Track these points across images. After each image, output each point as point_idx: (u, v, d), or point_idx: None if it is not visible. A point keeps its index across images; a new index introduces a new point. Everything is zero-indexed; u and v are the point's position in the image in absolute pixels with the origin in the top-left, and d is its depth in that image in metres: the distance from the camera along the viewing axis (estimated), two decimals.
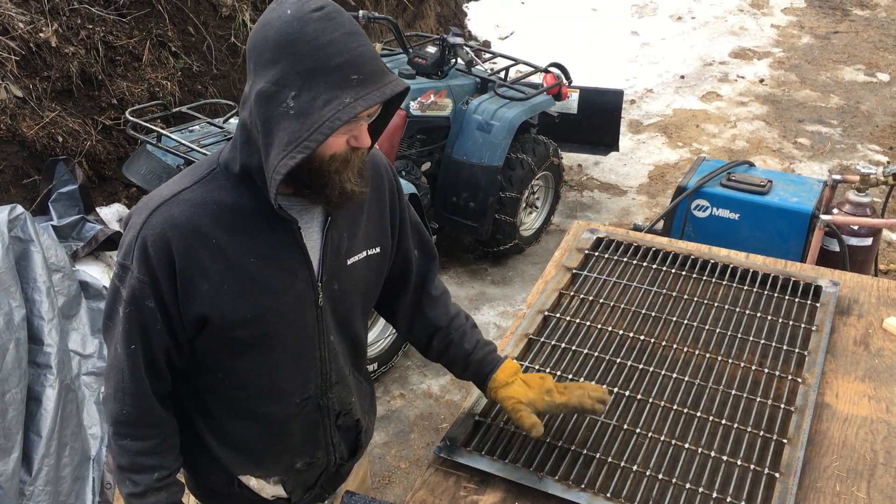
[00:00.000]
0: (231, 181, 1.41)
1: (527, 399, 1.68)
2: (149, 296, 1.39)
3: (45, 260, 3.06)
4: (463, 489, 1.68)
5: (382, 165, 1.64)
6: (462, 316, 1.81)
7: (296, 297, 1.48)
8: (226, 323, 1.43)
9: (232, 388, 1.53)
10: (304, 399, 1.57)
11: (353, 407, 1.68)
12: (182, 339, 1.46)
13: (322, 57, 1.26)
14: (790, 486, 1.62)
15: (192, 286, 1.40)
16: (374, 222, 1.60)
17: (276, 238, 1.44)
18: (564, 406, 1.68)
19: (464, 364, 1.77)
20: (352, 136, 1.35)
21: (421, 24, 6.79)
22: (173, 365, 1.50)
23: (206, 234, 1.38)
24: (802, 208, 3.37)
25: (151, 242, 1.36)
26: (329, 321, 1.55)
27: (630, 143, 6.07)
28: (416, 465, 3.35)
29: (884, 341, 2.06)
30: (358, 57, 1.28)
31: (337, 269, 1.53)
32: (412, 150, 4.30)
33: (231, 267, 1.41)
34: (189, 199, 1.39)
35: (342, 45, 1.27)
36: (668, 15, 8.42)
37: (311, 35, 1.26)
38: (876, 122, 6.30)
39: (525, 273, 4.66)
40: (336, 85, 1.27)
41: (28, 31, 3.87)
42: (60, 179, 3.74)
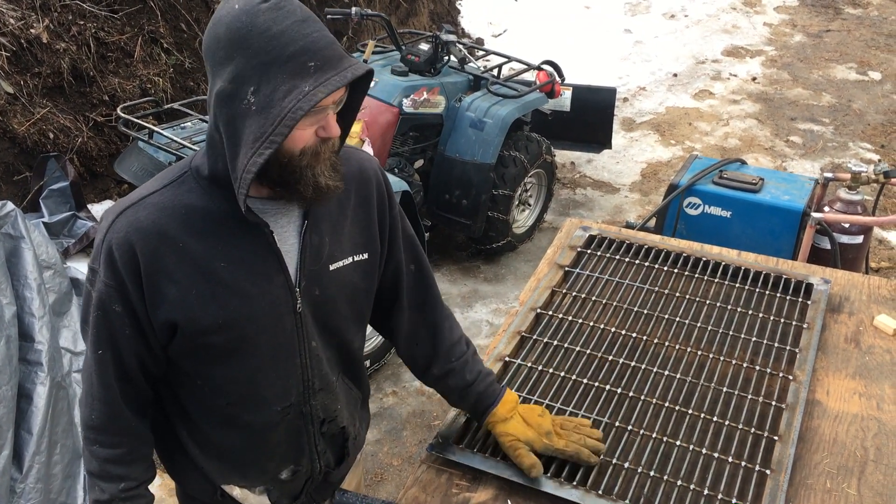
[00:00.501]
0: (202, 185, 1.38)
1: (525, 438, 1.65)
2: (115, 300, 1.37)
3: (36, 257, 3.05)
4: (455, 486, 1.68)
5: (371, 171, 1.59)
6: (464, 342, 1.76)
7: (271, 302, 1.44)
8: (196, 328, 1.39)
9: (211, 395, 1.50)
10: (286, 406, 1.54)
11: (338, 414, 1.65)
12: (154, 344, 1.43)
13: (276, 47, 1.23)
14: (781, 482, 1.62)
15: (158, 291, 1.36)
16: (360, 227, 1.56)
17: (249, 242, 1.40)
18: (561, 453, 1.65)
19: (462, 394, 1.72)
20: (319, 126, 1.32)
21: (414, 22, 6.78)
22: (149, 371, 1.47)
23: (173, 237, 1.35)
24: (794, 206, 3.38)
25: (116, 246, 1.34)
26: (311, 327, 1.51)
27: (623, 141, 6.08)
28: (408, 463, 3.35)
29: (874, 339, 2.07)
30: (313, 43, 1.25)
31: (317, 275, 1.49)
32: (405, 148, 4.29)
33: (200, 271, 1.37)
34: (156, 203, 1.36)
35: (295, 33, 1.25)
36: (661, 13, 8.44)
37: (263, 27, 1.24)
38: (867, 121, 6.33)
39: (518, 270, 4.66)
40: (294, 74, 1.24)
41: (19, 26, 3.85)
42: (52, 176, 3.73)
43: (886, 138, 6.06)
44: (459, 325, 1.79)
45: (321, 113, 1.30)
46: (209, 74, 1.30)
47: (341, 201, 1.51)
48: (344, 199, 1.51)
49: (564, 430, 1.69)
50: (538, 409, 1.72)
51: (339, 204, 1.51)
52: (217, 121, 1.29)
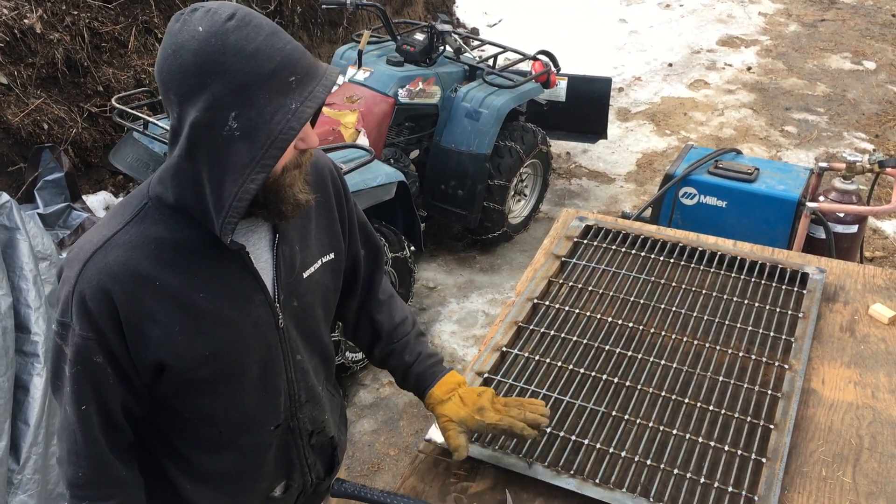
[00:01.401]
0: (165, 214, 1.31)
1: (457, 418, 1.63)
2: (96, 352, 1.30)
3: (31, 248, 3.04)
4: (453, 476, 1.69)
5: (326, 168, 1.55)
6: (408, 323, 1.74)
7: (253, 323, 1.40)
8: (185, 365, 1.35)
9: (202, 426, 1.45)
10: (278, 425, 1.52)
11: (326, 425, 1.63)
12: (139, 387, 1.37)
13: (254, 67, 1.17)
14: (777, 471, 1.63)
15: (141, 334, 1.30)
16: (323, 228, 1.54)
17: (224, 267, 1.35)
18: (493, 427, 1.62)
19: (403, 375, 1.72)
20: (299, 139, 1.27)
21: (409, 11, 6.76)
22: (132, 414, 1.41)
23: (148, 276, 1.29)
24: (789, 196, 3.38)
25: (90, 296, 1.27)
26: (295, 340, 1.49)
27: (618, 131, 6.08)
28: (405, 453, 3.36)
29: (869, 328, 2.08)
30: (289, 56, 1.20)
31: (294, 286, 1.46)
32: (400, 138, 4.29)
33: (181, 306, 1.32)
34: (124, 243, 1.29)
35: (270, 49, 1.18)
36: (656, 3, 8.42)
37: (235, 47, 1.16)
38: (862, 110, 6.34)
39: (513, 261, 4.67)
40: (277, 92, 1.18)
41: (12, 17, 3.83)
42: (46, 167, 3.72)
43: (881, 128, 6.07)
44: (405, 306, 1.78)
45: None
46: (173, 105, 1.21)
47: None
48: None
49: (505, 407, 1.66)
50: (480, 389, 1.70)
51: None
52: (192, 152, 1.22)
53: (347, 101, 4.05)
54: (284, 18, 5.33)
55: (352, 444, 3.41)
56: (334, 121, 3.80)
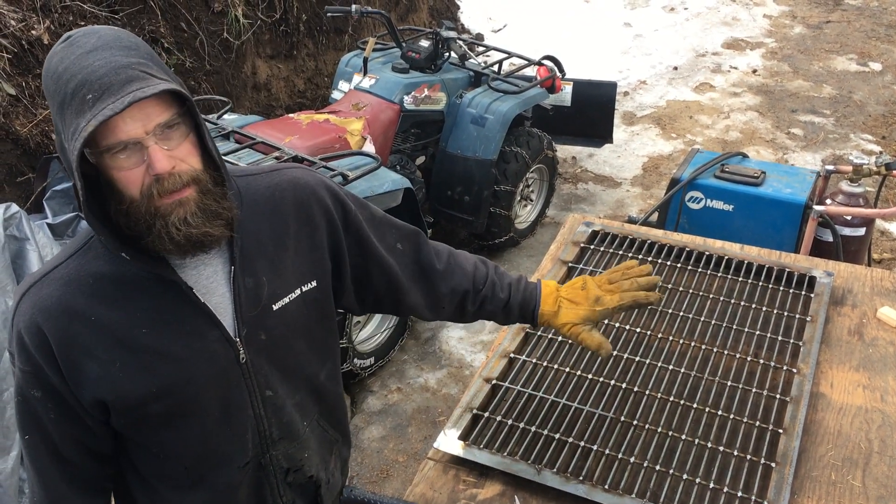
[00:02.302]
0: (110, 248, 1.27)
1: (580, 319, 1.62)
2: (34, 385, 1.28)
3: (41, 258, 3.06)
4: (462, 483, 1.69)
5: (307, 190, 1.45)
6: (481, 267, 1.68)
7: (209, 360, 1.33)
8: (129, 402, 1.29)
9: (168, 461, 1.40)
10: (247, 463, 1.45)
11: (305, 463, 1.54)
12: (92, 423, 1.33)
13: (61, 87, 1.14)
14: (786, 475, 1.63)
15: (78, 370, 1.26)
16: (304, 256, 1.45)
17: (171, 302, 1.29)
18: (618, 309, 1.62)
19: (505, 312, 1.68)
20: (146, 164, 1.17)
21: (414, 18, 6.78)
22: (94, 449, 1.37)
23: (82, 312, 1.25)
24: (796, 199, 3.38)
25: (25, 330, 1.25)
26: (266, 375, 1.41)
27: (624, 135, 6.08)
28: (414, 459, 3.36)
29: (878, 331, 2.08)
30: (91, 73, 1.13)
31: (261, 318, 1.38)
32: (406, 145, 4.30)
33: (120, 342, 1.27)
34: (60, 277, 1.26)
35: (76, 67, 1.14)
36: (661, 6, 8.42)
37: (53, 69, 1.16)
38: (868, 112, 6.32)
39: (520, 266, 4.67)
40: (78, 111, 1.12)
41: (20, 28, 3.86)
42: (55, 177, 3.73)
43: (887, 129, 6.06)
44: (466, 255, 1.71)
45: (132, 149, 1.16)
46: None
47: (277, 234, 1.41)
48: (280, 231, 1.41)
49: (613, 284, 1.64)
50: (578, 282, 1.67)
51: (274, 237, 1.41)
52: None
53: (353, 108, 4.06)
54: (290, 26, 5.35)
55: (361, 451, 3.42)
56: (340, 128, 3.81)
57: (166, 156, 1.18)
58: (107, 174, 1.20)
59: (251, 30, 5.04)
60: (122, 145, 1.16)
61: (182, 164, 1.21)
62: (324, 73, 5.70)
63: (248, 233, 1.38)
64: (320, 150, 3.56)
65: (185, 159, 1.21)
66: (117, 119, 1.14)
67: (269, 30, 5.24)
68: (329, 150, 3.60)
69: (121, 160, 1.17)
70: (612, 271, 1.68)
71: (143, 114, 1.16)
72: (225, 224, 1.27)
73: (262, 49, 5.25)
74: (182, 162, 1.21)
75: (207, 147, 1.26)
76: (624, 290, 1.63)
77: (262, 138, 3.44)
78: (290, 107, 5.42)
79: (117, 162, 1.17)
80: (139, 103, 1.14)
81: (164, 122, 1.18)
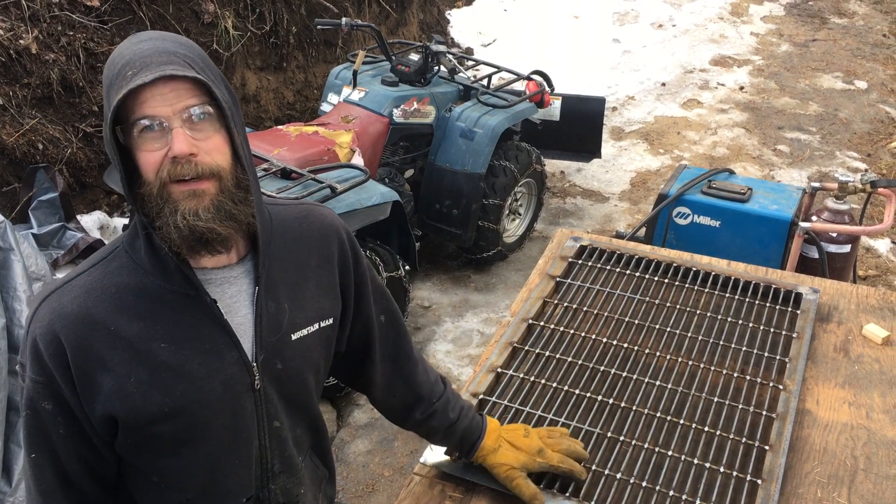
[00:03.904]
0: (136, 259, 1.26)
1: (519, 464, 1.62)
2: (45, 397, 1.23)
3: (25, 268, 3.04)
4: (448, 498, 1.68)
5: (332, 229, 1.46)
6: (440, 382, 1.69)
7: (224, 382, 1.29)
8: (140, 420, 1.25)
9: (168, 491, 1.35)
10: (249, 497, 1.41)
11: (300, 499, 1.50)
12: (98, 442, 1.28)
13: (111, 71, 1.18)
14: (772, 492, 1.63)
15: (92, 382, 1.23)
16: (324, 290, 1.44)
17: (192, 318, 1.27)
18: (555, 469, 1.64)
19: (447, 433, 1.65)
20: (167, 147, 1.17)
21: (404, 31, 6.80)
22: (97, 473, 1.32)
23: (102, 321, 1.22)
24: (782, 216, 3.40)
25: (41, 338, 1.21)
26: (275, 405, 1.38)
27: (612, 150, 6.10)
28: (399, 474, 3.35)
29: (863, 348, 2.08)
30: (136, 54, 1.16)
31: (279, 346, 1.35)
32: (395, 158, 4.30)
33: (137, 356, 1.23)
34: (82, 285, 1.24)
35: (128, 52, 1.18)
36: (650, 22, 8.48)
37: (111, 58, 1.20)
38: (854, 130, 6.38)
39: (508, 280, 4.67)
40: (118, 89, 1.15)
41: (8, 37, 3.84)
42: (41, 187, 3.71)
43: (873, 147, 6.11)
44: (431, 367, 1.71)
45: (158, 130, 1.17)
46: None
47: (300, 263, 1.40)
48: (304, 261, 1.41)
49: (552, 440, 1.67)
50: (520, 429, 1.69)
51: (297, 266, 1.40)
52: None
53: (342, 120, 4.06)
54: (280, 38, 5.36)
55: (346, 465, 3.40)
56: (329, 140, 3.81)
57: (188, 140, 1.17)
58: (134, 156, 1.20)
59: (241, 41, 5.04)
60: (148, 121, 1.16)
61: (206, 157, 1.20)
62: (313, 85, 5.70)
63: (275, 258, 1.37)
64: (309, 163, 3.56)
65: (210, 153, 1.21)
66: (147, 94, 1.15)
67: (259, 41, 5.25)
68: (317, 163, 3.59)
69: (147, 140, 1.17)
70: (549, 430, 1.71)
71: (174, 95, 1.17)
72: (237, 227, 1.25)
73: (252, 61, 5.25)
74: (207, 154, 1.20)
75: (237, 150, 1.26)
76: (562, 448, 1.66)
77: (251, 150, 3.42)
78: (280, 118, 5.42)
79: (144, 142, 1.17)
80: (171, 84, 1.16)
81: (193, 109, 1.18)
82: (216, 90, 1.20)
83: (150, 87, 1.15)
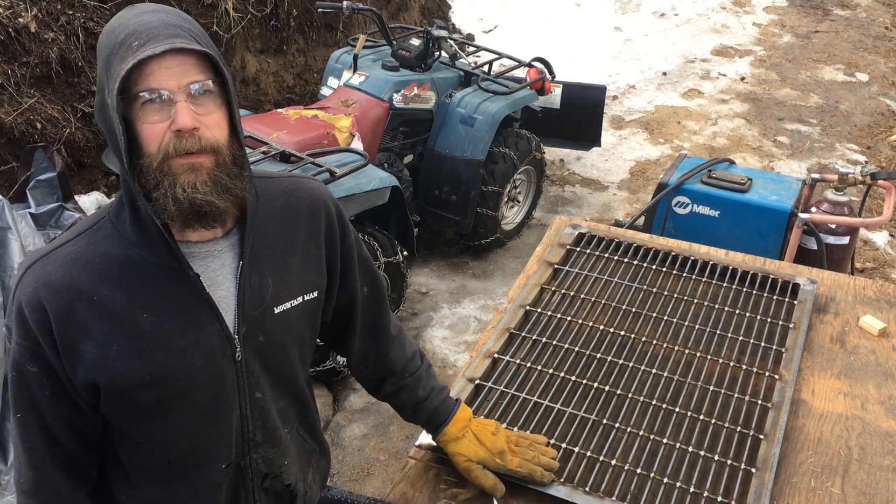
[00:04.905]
0: (120, 230, 1.27)
1: (477, 458, 1.63)
2: (29, 360, 1.27)
3: (22, 248, 3.03)
4: (443, 482, 1.69)
5: (321, 202, 1.47)
6: (417, 358, 1.70)
7: (206, 353, 1.32)
8: (120, 387, 1.27)
9: (151, 454, 1.38)
10: (229, 464, 1.43)
11: (283, 471, 1.52)
12: (82, 404, 1.31)
13: (112, 39, 1.18)
14: (766, 481, 1.64)
15: (74, 349, 1.25)
16: (310, 265, 1.45)
17: (175, 290, 1.29)
18: (514, 473, 1.63)
19: (414, 410, 1.68)
20: (171, 119, 1.19)
21: (405, 16, 6.76)
22: (81, 432, 1.35)
23: (86, 291, 1.24)
24: (781, 206, 3.40)
25: (26, 304, 1.24)
26: (257, 376, 1.40)
27: (612, 139, 6.09)
28: (395, 458, 3.35)
29: (859, 339, 2.09)
30: (141, 25, 1.17)
31: (260, 319, 1.37)
32: (395, 143, 4.29)
33: (120, 325, 1.26)
34: (67, 254, 1.26)
35: (130, 22, 1.18)
36: (652, 11, 8.45)
37: (110, 26, 1.20)
38: (854, 122, 6.37)
39: (506, 267, 4.67)
40: (122, 58, 1.15)
41: (7, 15, 3.82)
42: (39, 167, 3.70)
43: (873, 140, 6.11)
44: (412, 340, 1.73)
45: (159, 102, 1.18)
46: None
47: (287, 237, 1.42)
48: (291, 235, 1.42)
49: (519, 448, 1.67)
50: (491, 425, 1.69)
51: (284, 240, 1.41)
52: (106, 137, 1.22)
53: (342, 105, 4.05)
54: (280, 21, 5.33)
55: (342, 449, 3.40)
56: (329, 125, 3.80)
57: (192, 114, 1.19)
58: (134, 128, 1.21)
59: (241, 24, 5.01)
60: (153, 94, 1.17)
61: (206, 132, 1.22)
62: (313, 69, 5.68)
63: (260, 232, 1.38)
64: (308, 146, 3.55)
65: (210, 128, 1.22)
66: (153, 66, 1.16)
67: (259, 24, 5.22)
68: (317, 147, 3.58)
69: (149, 112, 1.18)
70: (520, 435, 1.70)
71: (181, 69, 1.18)
72: (233, 201, 1.27)
73: (252, 43, 5.22)
74: (207, 129, 1.22)
75: (235, 125, 1.28)
76: (527, 457, 1.65)
77: (250, 133, 3.42)
78: (279, 102, 5.40)
79: (146, 114, 1.18)
80: (178, 58, 1.17)
81: (199, 84, 1.20)
82: (223, 66, 1.22)
83: (158, 59, 1.16)
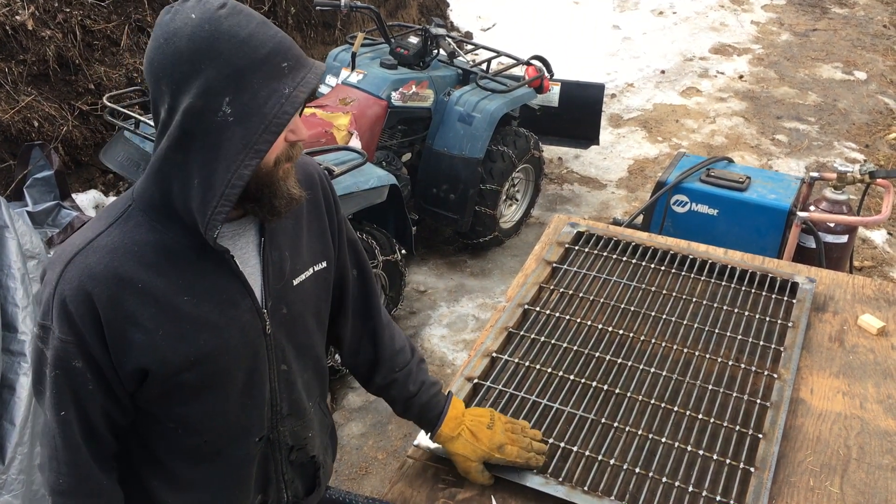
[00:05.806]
0: (150, 216, 1.29)
1: (476, 457, 1.64)
2: (75, 356, 1.27)
3: (19, 246, 3.02)
4: (441, 482, 1.68)
5: (316, 174, 1.52)
6: (408, 350, 1.71)
7: (241, 329, 1.37)
8: (169, 370, 1.31)
9: (185, 435, 1.41)
10: (261, 437, 1.48)
11: (308, 442, 1.57)
12: (122, 395, 1.34)
13: (247, 52, 1.18)
14: (765, 480, 1.63)
15: (123, 338, 1.28)
16: (316, 235, 1.51)
17: (210, 271, 1.33)
18: (513, 464, 1.65)
19: (405, 405, 1.69)
20: (289, 130, 1.26)
21: (403, 14, 6.76)
22: (115, 423, 1.38)
23: (130, 279, 1.27)
24: (780, 205, 3.39)
25: (70, 298, 1.24)
26: (283, 349, 1.45)
27: (610, 137, 6.09)
28: (393, 457, 3.35)
29: (858, 338, 2.09)
30: (280, 43, 1.21)
31: (283, 292, 1.43)
32: (393, 141, 4.28)
33: (164, 310, 1.29)
34: (105, 245, 1.27)
35: (263, 35, 1.20)
36: (650, 9, 8.45)
37: (229, 33, 1.17)
38: (853, 120, 6.37)
39: (504, 265, 4.67)
40: (270, 77, 1.19)
41: (4, 13, 3.81)
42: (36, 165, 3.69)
43: (871, 138, 6.10)
44: (402, 333, 1.74)
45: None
46: (165, 94, 1.20)
47: (295, 213, 1.44)
48: (298, 209, 1.44)
49: (514, 436, 1.67)
50: (486, 417, 1.69)
51: (294, 214, 1.43)
52: (184, 140, 1.20)
53: (340, 103, 4.04)
54: (278, 19, 5.32)
55: (340, 448, 3.40)
56: (327, 123, 3.79)
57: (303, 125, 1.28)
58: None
59: None
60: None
61: None
62: None
63: None
64: (306, 145, 3.54)
65: None
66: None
67: None
68: (315, 145, 3.58)
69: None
70: (511, 421, 1.71)
71: None
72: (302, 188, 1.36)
73: None
74: None
75: None
76: (522, 446, 1.66)
77: None
78: None
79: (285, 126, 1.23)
80: None
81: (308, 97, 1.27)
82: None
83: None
